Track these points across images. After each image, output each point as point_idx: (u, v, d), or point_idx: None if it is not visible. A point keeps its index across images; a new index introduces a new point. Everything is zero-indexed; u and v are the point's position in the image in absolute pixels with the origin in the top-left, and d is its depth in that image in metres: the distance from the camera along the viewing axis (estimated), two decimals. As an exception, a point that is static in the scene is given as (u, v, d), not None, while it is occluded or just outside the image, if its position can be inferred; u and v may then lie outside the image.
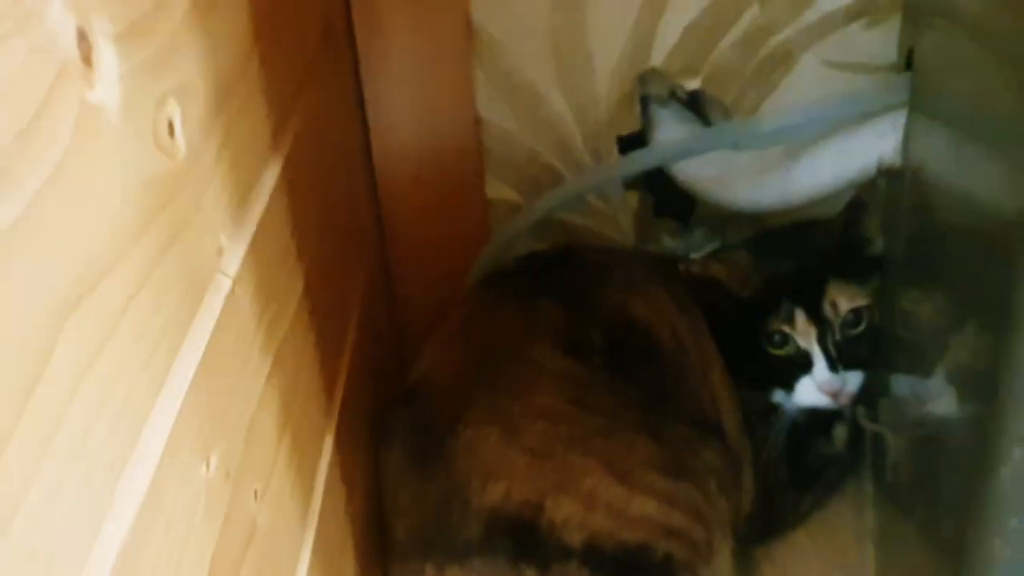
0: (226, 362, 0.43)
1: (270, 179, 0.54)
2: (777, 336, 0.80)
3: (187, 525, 0.39)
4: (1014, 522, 0.47)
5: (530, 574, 0.67)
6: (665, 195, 0.95)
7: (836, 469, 0.87)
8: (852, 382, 0.80)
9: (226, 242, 0.44)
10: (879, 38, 0.90)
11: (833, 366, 0.79)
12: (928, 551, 0.63)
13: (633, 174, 0.92)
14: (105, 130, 0.33)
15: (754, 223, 0.90)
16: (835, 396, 0.80)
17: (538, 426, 0.71)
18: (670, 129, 0.90)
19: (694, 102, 0.93)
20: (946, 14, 0.66)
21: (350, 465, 0.69)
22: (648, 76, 0.93)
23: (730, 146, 0.84)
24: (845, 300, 0.79)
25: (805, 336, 0.79)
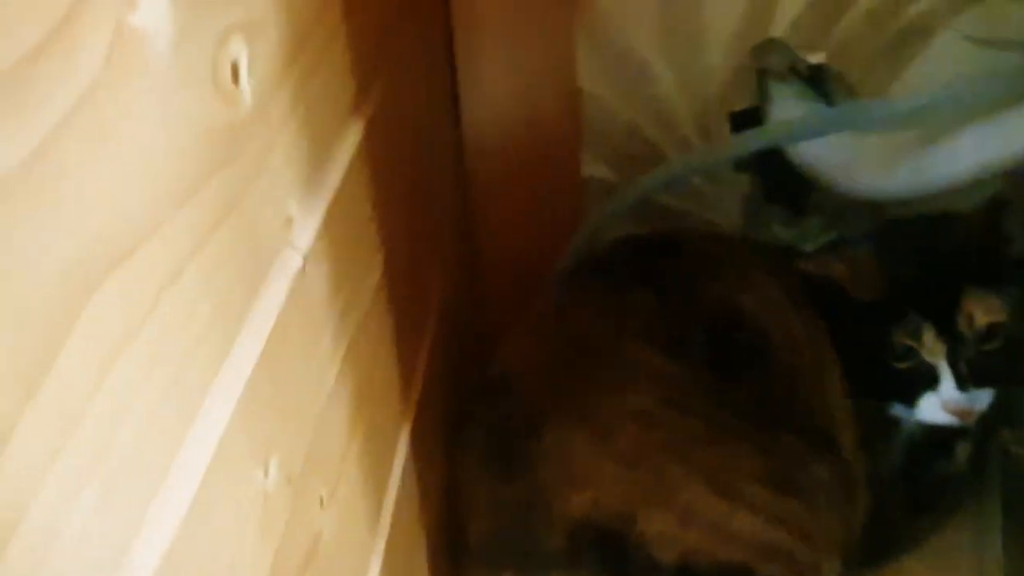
0: (292, 352, 0.37)
1: (350, 144, 0.48)
2: (901, 349, 0.72)
3: (238, 541, 0.33)
4: None
5: None
6: (779, 179, 0.88)
7: (956, 490, 0.79)
8: (981, 401, 0.72)
9: (297, 212, 0.38)
10: (1029, 11, 0.81)
11: (962, 384, 0.71)
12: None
13: (745, 155, 0.84)
14: (151, 63, 0.27)
15: (874, 214, 0.82)
16: (962, 416, 0.72)
17: (630, 430, 0.66)
18: (789, 107, 0.83)
19: (816, 78, 0.85)
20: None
21: (426, 465, 0.63)
22: (767, 47, 0.86)
23: (857, 128, 0.76)
24: (982, 313, 0.71)
25: (933, 352, 0.72)
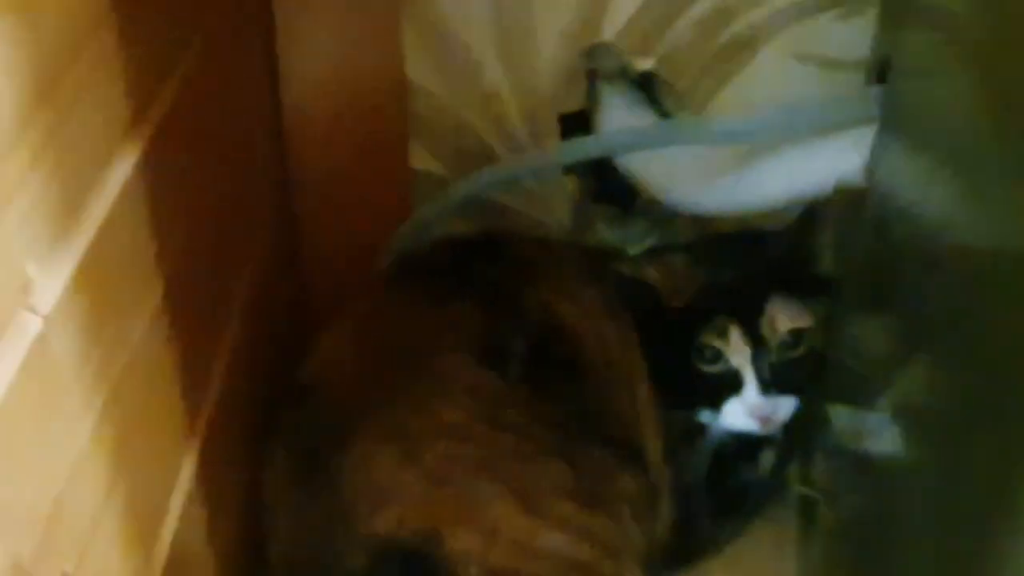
0: (23, 428, 0.35)
1: (124, 167, 0.44)
2: (708, 351, 0.74)
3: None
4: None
5: None
6: (605, 181, 0.88)
7: (759, 497, 0.82)
8: (784, 408, 0.74)
9: (37, 272, 0.35)
10: (852, 32, 0.83)
11: (766, 389, 0.73)
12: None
13: (574, 162, 0.84)
14: None
15: (699, 220, 0.83)
16: (764, 421, 0.74)
17: (440, 446, 0.65)
18: (618, 111, 0.83)
19: (645, 84, 0.85)
20: (928, 22, 0.60)
21: (217, 487, 0.61)
22: (597, 51, 0.85)
23: (683, 143, 0.76)
24: (786, 319, 0.73)
25: (738, 354, 0.73)
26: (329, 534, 0.63)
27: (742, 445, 0.78)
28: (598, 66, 0.84)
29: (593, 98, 0.85)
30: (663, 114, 0.83)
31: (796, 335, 0.73)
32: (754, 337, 0.73)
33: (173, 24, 0.53)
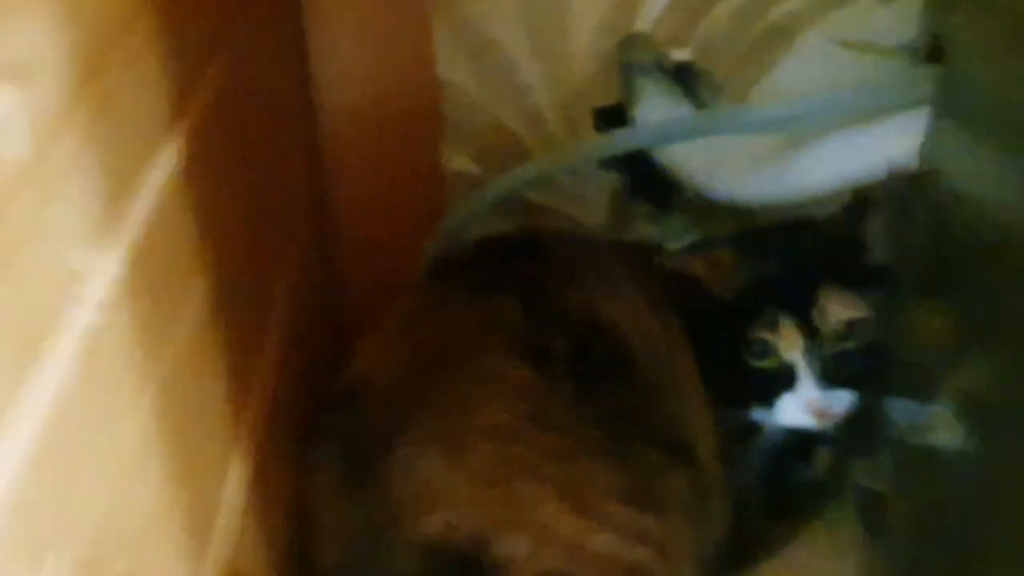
0: (80, 425, 0.33)
1: (167, 161, 0.43)
2: (759, 346, 0.72)
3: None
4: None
5: None
6: (643, 177, 0.86)
7: (815, 498, 0.80)
8: (841, 402, 0.72)
9: (85, 263, 0.34)
10: (896, 16, 0.80)
11: (821, 382, 0.71)
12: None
13: (611, 157, 0.82)
14: None
15: (741, 213, 0.81)
16: (821, 416, 0.72)
17: (487, 447, 0.63)
18: (654, 103, 0.81)
19: (682, 75, 0.83)
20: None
21: (264, 490, 0.59)
22: (631, 42, 0.84)
23: (725, 133, 0.75)
24: (840, 309, 0.71)
25: (791, 347, 0.71)
26: (377, 538, 0.62)
27: (797, 443, 0.76)
28: (633, 58, 0.83)
29: (629, 91, 0.83)
30: (701, 105, 0.81)
31: (851, 326, 0.71)
32: (807, 329, 0.70)
33: (209, 19, 0.52)
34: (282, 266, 0.68)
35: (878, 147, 0.69)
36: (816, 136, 0.72)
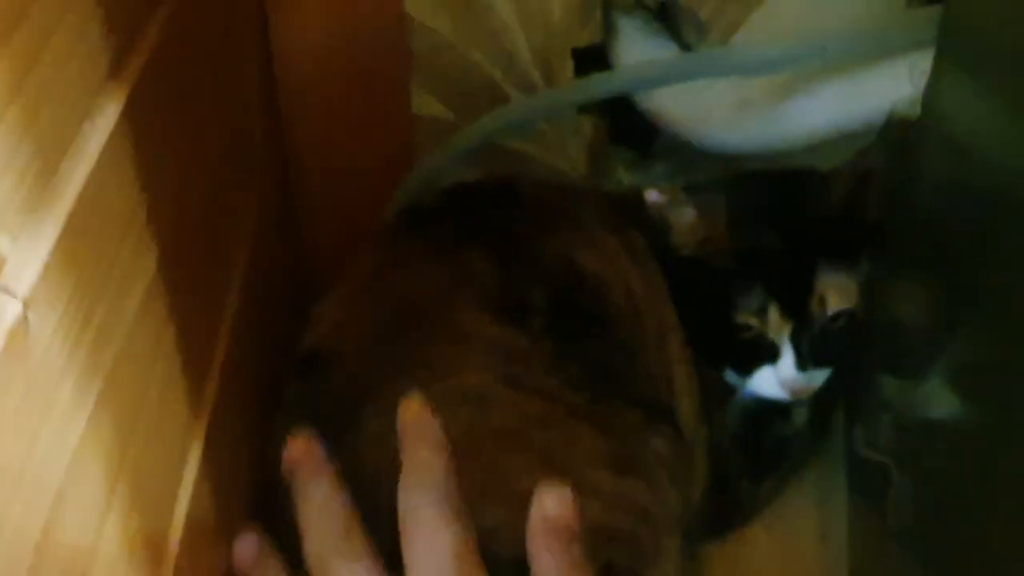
0: (9, 428, 0.29)
1: (105, 120, 0.38)
2: (744, 328, 0.69)
3: None
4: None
5: None
6: (624, 122, 0.83)
7: (796, 453, 0.78)
8: (816, 379, 0.70)
9: (10, 248, 0.30)
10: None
11: (803, 365, 0.68)
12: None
13: (590, 101, 0.78)
14: None
15: (726, 161, 0.78)
16: (795, 394, 0.70)
17: (463, 413, 0.60)
18: (636, 44, 0.78)
19: (665, 14, 0.79)
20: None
21: (227, 469, 0.56)
22: (613, -22, 0.79)
23: (709, 76, 0.71)
24: (836, 298, 0.68)
25: (777, 330, 0.68)
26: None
27: (774, 405, 0.73)
28: (614, -5, 0.79)
29: (609, 31, 0.80)
30: (685, 46, 0.78)
31: (841, 314, 0.68)
32: (797, 314, 0.68)
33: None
34: (242, 225, 0.64)
35: (878, 91, 0.65)
36: (810, 80, 0.68)
